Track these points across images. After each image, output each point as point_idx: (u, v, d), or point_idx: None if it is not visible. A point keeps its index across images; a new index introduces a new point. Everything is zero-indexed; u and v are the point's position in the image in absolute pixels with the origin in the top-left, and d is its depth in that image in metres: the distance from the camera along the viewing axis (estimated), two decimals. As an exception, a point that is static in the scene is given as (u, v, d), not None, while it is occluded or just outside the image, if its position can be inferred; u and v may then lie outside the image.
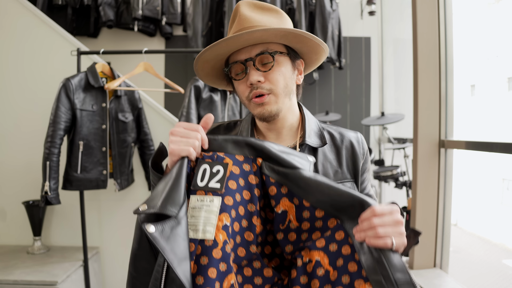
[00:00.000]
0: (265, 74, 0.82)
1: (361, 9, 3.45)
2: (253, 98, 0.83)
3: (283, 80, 0.84)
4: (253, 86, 0.82)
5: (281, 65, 0.84)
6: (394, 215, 0.68)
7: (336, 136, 0.93)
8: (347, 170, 0.90)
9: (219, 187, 0.70)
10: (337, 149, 0.92)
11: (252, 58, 0.82)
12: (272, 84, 0.83)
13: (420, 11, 1.95)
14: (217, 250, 0.67)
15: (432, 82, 1.97)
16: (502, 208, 7.89)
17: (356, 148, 0.92)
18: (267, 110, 0.83)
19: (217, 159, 0.73)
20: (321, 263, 0.69)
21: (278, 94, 0.84)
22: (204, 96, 1.95)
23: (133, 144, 2.08)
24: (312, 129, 0.91)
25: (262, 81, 0.82)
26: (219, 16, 3.15)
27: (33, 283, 1.74)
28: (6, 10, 2.13)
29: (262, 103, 0.83)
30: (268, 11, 0.86)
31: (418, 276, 1.92)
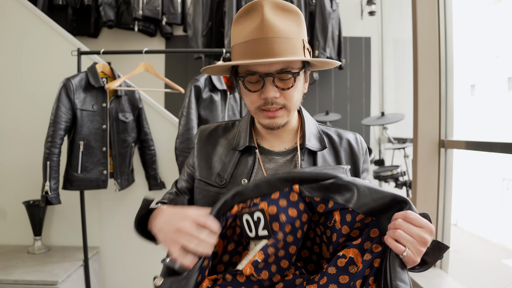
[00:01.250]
0: (281, 91, 0.81)
1: (361, 9, 3.45)
2: (263, 110, 0.83)
3: (297, 95, 0.84)
4: (268, 99, 0.81)
5: (298, 82, 0.83)
6: (423, 232, 0.65)
7: (334, 138, 0.93)
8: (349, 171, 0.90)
9: (267, 234, 0.72)
10: (335, 151, 0.92)
11: (273, 74, 0.79)
12: (287, 100, 0.82)
13: (420, 11, 1.96)
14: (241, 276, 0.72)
15: (432, 82, 1.97)
16: (502, 208, 7.89)
17: (355, 148, 0.92)
18: (277, 123, 0.84)
19: (253, 205, 0.73)
20: (354, 261, 0.70)
21: (290, 109, 0.84)
22: (204, 96, 1.95)
23: (133, 144, 2.08)
24: (311, 132, 0.91)
25: (277, 97, 0.81)
26: (219, 16, 3.15)
27: (33, 283, 1.74)
28: (6, 10, 2.14)
29: (274, 116, 0.83)
30: (289, 13, 0.81)
31: (418, 276, 1.93)
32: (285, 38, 0.78)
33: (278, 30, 0.78)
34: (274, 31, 0.77)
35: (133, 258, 2.24)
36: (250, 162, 0.90)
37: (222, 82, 2.01)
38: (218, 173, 0.91)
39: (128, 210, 2.22)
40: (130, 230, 2.27)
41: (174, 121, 2.23)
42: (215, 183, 0.91)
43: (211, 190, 0.92)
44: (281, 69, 0.79)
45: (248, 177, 0.89)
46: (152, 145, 2.17)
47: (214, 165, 0.93)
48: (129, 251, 2.23)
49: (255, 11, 0.79)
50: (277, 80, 0.80)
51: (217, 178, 0.91)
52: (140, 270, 2.24)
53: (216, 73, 0.94)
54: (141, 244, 2.23)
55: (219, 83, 1.99)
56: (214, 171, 0.92)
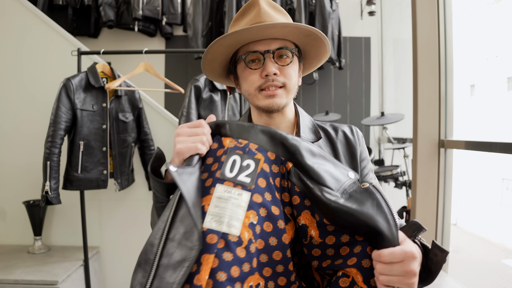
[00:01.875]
0: (281, 68, 0.84)
1: (361, 9, 3.45)
2: (263, 90, 0.85)
3: (295, 76, 0.87)
4: (268, 78, 0.83)
5: (295, 63, 0.87)
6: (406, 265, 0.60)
7: (330, 131, 0.95)
8: (345, 162, 0.92)
9: (249, 182, 0.67)
10: (332, 143, 0.93)
11: (272, 51, 0.83)
12: (287, 78, 0.85)
13: (420, 11, 1.96)
14: (241, 249, 0.62)
15: (432, 82, 1.97)
16: (502, 208, 7.90)
17: (350, 138, 0.94)
18: (276, 103, 0.85)
19: (249, 152, 0.69)
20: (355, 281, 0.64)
21: (290, 89, 0.86)
22: (204, 96, 1.95)
23: (133, 144, 2.08)
24: (306, 125, 0.94)
25: (278, 74, 0.84)
26: (219, 16, 3.15)
27: (33, 283, 1.74)
28: (6, 10, 2.14)
29: (273, 95, 0.85)
30: (282, 12, 0.89)
31: (418, 276, 1.93)
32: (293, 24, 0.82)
33: (274, 18, 0.85)
34: (270, 17, 0.84)
35: (133, 258, 2.23)
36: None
37: (222, 82, 2.01)
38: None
39: (128, 210, 2.22)
40: (130, 230, 2.28)
41: (174, 121, 2.23)
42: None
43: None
44: (280, 46, 0.84)
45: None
46: (152, 145, 2.17)
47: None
48: (129, 251, 2.23)
49: (251, 7, 0.87)
50: (277, 57, 0.85)
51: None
52: (140, 270, 2.24)
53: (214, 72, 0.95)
54: (141, 244, 2.23)
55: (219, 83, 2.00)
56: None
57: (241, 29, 0.80)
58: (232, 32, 0.81)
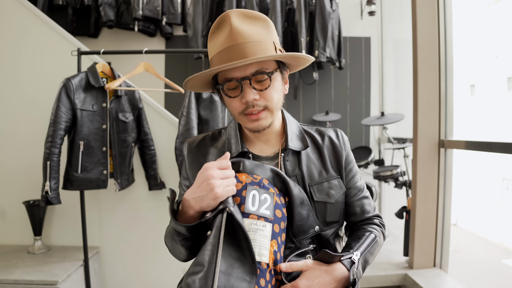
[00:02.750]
0: (260, 93, 0.83)
1: (361, 9, 3.45)
2: (247, 115, 0.85)
3: (276, 95, 0.86)
4: (248, 103, 0.83)
5: (275, 82, 0.85)
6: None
7: (316, 137, 0.97)
8: (331, 168, 0.93)
9: (269, 214, 0.77)
10: (318, 149, 0.95)
11: (248, 77, 0.81)
12: (267, 101, 0.84)
13: (420, 11, 1.96)
14: (267, 273, 0.74)
15: (432, 82, 1.97)
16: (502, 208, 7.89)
17: (336, 143, 0.96)
18: (261, 124, 0.86)
19: (264, 186, 0.79)
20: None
21: (272, 109, 0.86)
22: (204, 96, 1.95)
23: (133, 144, 2.08)
24: (293, 133, 0.94)
25: (257, 99, 0.83)
26: (219, 16, 3.15)
27: (33, 283, 1.74)
28: (6, 10, 2.14)
29: (257, 118, 0.85)
30: (257, 20, 0.85)
31: (418, 276, 1.93)
32: (254, 42, 0.81)
33: (247, 35, 0.81)
34: (243, 36, 0.81)
35: (133, 258, 2.24)
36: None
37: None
38: None
39: (128, 210, 2.22)
40: (130, 230, 2.28)
41: (174, 121, 2.23)
42: None
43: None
44: (256, 71, 0.82)
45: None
46: (152, 145, 2.17)
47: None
48: (129, 251, 2.23)
49: (224, 23, 0.83)
50: (254, 82, 0.82)
51: None
52: (140, 270, 2.24)
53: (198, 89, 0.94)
54: (141, 244, 2.23)
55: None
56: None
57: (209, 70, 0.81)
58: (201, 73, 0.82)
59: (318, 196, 0.90)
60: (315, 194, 0.90)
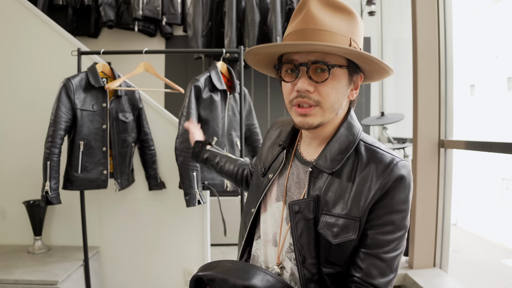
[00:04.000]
0: (316, 85, 0.75)
1: (361, 9, 3.45)
2: (297, 106, 0.78)
3: (335, 95, 0.76)
4: (300, 93, 0.75)
5: (336, 79, 0.76)
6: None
7: (363, 159, 0.80)
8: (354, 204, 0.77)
9: None
10: (354, 174, 0.79)
11: (307, 64, 0.74)
12: (322, 97, 0.75)
13: (420, 11, 1.96)
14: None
15: (432, 82, 1.97)
16: (502, 207, 7.90)
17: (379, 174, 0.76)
18: (308, 122, 0.77)
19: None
20: None
21: (326, 108, 0.77)
22: (204, 96, 1.95)
23: (133, 144, 2.08)
24: (335, 148, 0.81)
25: (311, 91, 0.75)
26: (219, 16, 3.15)
27: (33, 283, 1.74)
28: (6, 10, 2.14)
29: (305, 114, 0.77)
30: (340, 11, 0.76)
31: (418, 276, 1.93)
32: (327, 32, 0.74)
33: (321, 23, 0.74)
34: (316, 23, 0.74)
35: (133, 258, 2.24)
36: (281, 161, 0.92)
37: (222, 82, 2.01)
38: (264, 163, 0.98)
39: (128, 210, 2.22)
40: (130, 230, 2.27)
41: (174, 121, 2.23)
42: (260, 171, 0.98)
43: (257, 175, 0.99)
44: (316, 59, 0.74)
45: (274, 172, 0.92)
46: (152, 145, 2.17)
47: (264, 155, 1.01)
48: (129, 251, 2.23)
49: (303, 6, 0.77)
50: (312, 72, 0.75)
51: (262, 167, 0.98)
52: (140, 270, 2.24)
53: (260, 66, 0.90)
54: (141, 244, 2.23)
55: (219, 83, 2.00)
56: (263, 160, 1.00)
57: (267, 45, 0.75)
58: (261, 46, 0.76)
59: (322, 228, 0.78)
60: (320, 224, 0.79)
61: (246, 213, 1.00)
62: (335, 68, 0.75)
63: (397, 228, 0.76)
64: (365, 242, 0.77)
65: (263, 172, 0.95)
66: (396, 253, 0.77)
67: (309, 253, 0.80)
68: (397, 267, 0.78)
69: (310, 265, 0.80)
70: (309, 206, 0.80)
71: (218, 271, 0.76)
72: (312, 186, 0.81)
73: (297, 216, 0.81)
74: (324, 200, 0.79)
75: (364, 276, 0.76)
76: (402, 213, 0.76)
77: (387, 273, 0.76)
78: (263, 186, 0.94)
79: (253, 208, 0.95)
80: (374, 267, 0.76)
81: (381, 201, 0.76)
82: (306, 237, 0.80)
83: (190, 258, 2.22)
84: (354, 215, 0.76)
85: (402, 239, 0.78)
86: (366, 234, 0.77)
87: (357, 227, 0.76)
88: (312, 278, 0.80)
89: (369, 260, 0.76)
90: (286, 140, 0.93)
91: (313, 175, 0.82)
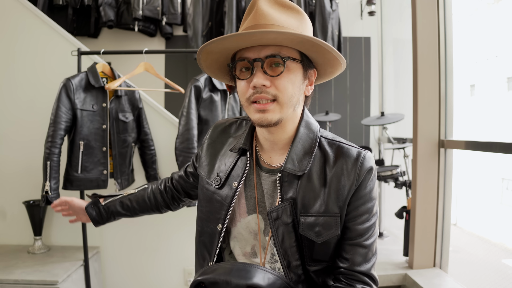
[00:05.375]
0: (272, 79, 0.75)
1: (361, 9, 3.45)
2: (254, 103, 0.77)
3: (291, 88, 0.76)
4: (257, 89, 0.75)
5: (292, 72, 0.76)
6: None
7: (330, 156, 0.82)
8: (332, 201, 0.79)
9: None
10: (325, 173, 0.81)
11: (261, 59, 0.74)
12: (279, 91, 0.75)
13: (420, 11, 1.96)
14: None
15: (431, 82, 1.97)
16: (502, 207, 7.90)
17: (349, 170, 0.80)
18: (267, 118, 0.76)
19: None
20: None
21: (283, 103, 0.76)
22: (204, 96, 1.95)
23: (133, 144, 2.08)
24: (300, 149, 0.82)
25: (268, 86, 0.74)
26: (219, 16, 3.15)
27: (33, 283, 1.74)
28: (6, 10, 2.14)
29: (264, 109, 0.76)
30: (289, 10, 0.78)
31: (418, 276, 1.93)
32: (278, 26, 0.75)
33: (272, 18, 0.75)
34: (267, 19, 0.75)
35: (133, 258, 2.24)
36: (243, 167, 0.86)
37: (222, 82, 2.01)
38: (218, 173, 0.90)
39: (128, 210, 2.22)
40: (130, 229, 2.27)
41: (174, 121, 2.23)
42: (213, 183, 0.90)
43: (209, 189, 0.91)
44: (271, 54, 0.74)
45: (238, 181, 0.86)
46: (152, 145, 2.17)
47: (217, 164, 0.92)
48: (129, 251, 2.23)
49: (252, 6, 0.78)
50: (267, 66, 0.75)
51: (216, 178, 0.90)
52: (140, 270, 2.24)
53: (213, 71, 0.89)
54: (141, 244, 2.23)
55: (219, 83, 2.00)
56: (215, 170, 0.91)
57: (221, 37, 0.73)
58: (215, 39, 0.74)
59: (303, 230, 0.80)
60: (301, 226, 0.80)
61: (205, 232, 0.91)
62: (289, 60, 0.75)
63: (371, 215, 0.82)
64: (346, 234, 0.81)
65: (220, 183, 0.88)
66: (374, 237, 0.83)
67: (293, 256, 0.81)
68: (376, 250, 0.84)
69: (295, 267, 0.82)
70: (287, 211, 0.80)
71: (219, 274, 0.75)
72: (285, 191, 0.81)
73: (276, 222, 0.81)
74: (300, 203, 0.80)
75: (350, 266, 0.81)
76: (374, 200, 0.83)
77: (370, 257, 0.82)
78: (227, 198, 0.86)
79: (220, 224, 0.87)
80: (358, 255, 0.81)
81: (356, 193, 0.80)
82: (288, 241, 0.81)
83: (190, 258, 2.22)
84: (333, 211, 0.80)
85: (376, 224, 0.84)
86: (347, 226, 0.81)
87: (339, 222, 0.80)
88: (299, 280, 0.83)
89: (353, 250, 0.81)
90: (246, 142, 0.87)
91: (283, 179, 0.82)
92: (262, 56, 0.75)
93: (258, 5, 0.76)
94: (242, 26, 0.80)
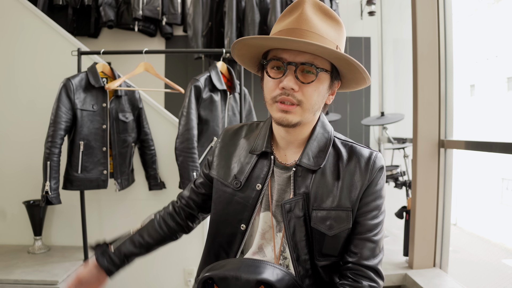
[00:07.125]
0: (301, 85, 0.77)
1: (361, 9, 3.45)
2: (279, 103, 0.79)
3: (316, 97, 0.80)
4: (285, 91, 0.77)
5: (320, 82, 0.79)
6: None
7: (343, 155, 0.87)
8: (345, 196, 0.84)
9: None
10: (338, 170, 0.85)
11: (296, 64, 0.76)
12: (305, 97, 0.78)
13: (420, 11, 1.96)
14: None
15: (431, 82, 1.97)
16: (502, 207, 7.90)
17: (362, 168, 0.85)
18: (288, 119, 0.79)
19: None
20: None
21: (306, 109, 0.79)
22: (204, 96, 1.95)
23: (133, 144, 2.08)
24: (315, 146, 0.87)
25: (296, 90, 0.77)
26: (219, 16, 3.15)
27: (33, 283, 1.74)
28: (6, 10, 2.14)
29: (287, 110, 0.79)
30: (330, 19, 0.81)
31: (418, 276, 1.93)
32: (318, 35, 0.77)
33: (314, 26, 0.77)
34: (309, 25, 0.77)
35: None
36: (266, 169, 0.89)
37: (222, 82, 2.01)
38: (235, 175, 0.91)
39: (128, 210, 2.22)
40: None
41: (174, 121, 2.23)
42: (231, 185, 0.91)
43: (226, 191, 0.92)
44: (307, 61, 0.77)
45: (262, 182, 0.88)
46: (152, 145, 2.17)
47: (232, 166, 0.93)
48: (129, 251, 2.23)
49: (297, 7, 0.80)
50: (299, 72, 0.77)
51: (233, 180, 0.91)
52: (140, 270, 2.24)
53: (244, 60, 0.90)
54: (141, 244, 2.23)
55: (219, 83, 2.00)
56: (232, 172, 0.92)
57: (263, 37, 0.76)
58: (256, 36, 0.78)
59: (315, 223, 0.83)
60: (313, 220, 0.83)
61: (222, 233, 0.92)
62: (322, 72, 0.79)
63: (380, 212, 0.86)
64: (356, 229, 0.85)
65: (240, 185, 0.89)
66: (382, 233, 0.87)
67: (302, 250, 0.84)
68: (383, 248, 0.88)
69: (304, 261, 0.84)
70: (299, 204, 0.83)
71: (228, 269, 0.77)
72: (298, 186, 0.85)
73: (288, 215, 0.84)
74: (313, 197, 0.84)
75: (358, 260, 0.83)
76: (383, 198, 0.87)
77: (377, 253, 0.85)
78: (250, 199, 0.88)
79: (244, 224, 0.89)
80: (366, 249, 0.84)
81: (367, 190, 0.84)
82: (298, 234, 0.84)
83: (190, 258, 2.22)
84: (345, 206, 0.83)
85: (383, 222, 0.88)
86: (357, 221, 0.85)
87: (350, 216, 0.83)
88: (307, 274, 0.85)
89: (362, 244, 0.84)
90: (268, 145, 0.89)
91: (297, 174, 0.85)
92: (298, 61, 0.77)
93: (303, 9, 0.78)
94: (281, 23, 0.81)
